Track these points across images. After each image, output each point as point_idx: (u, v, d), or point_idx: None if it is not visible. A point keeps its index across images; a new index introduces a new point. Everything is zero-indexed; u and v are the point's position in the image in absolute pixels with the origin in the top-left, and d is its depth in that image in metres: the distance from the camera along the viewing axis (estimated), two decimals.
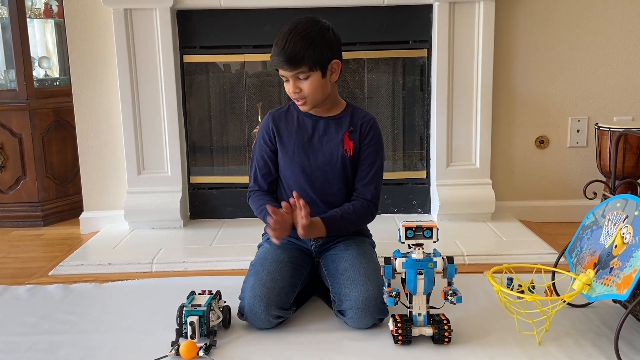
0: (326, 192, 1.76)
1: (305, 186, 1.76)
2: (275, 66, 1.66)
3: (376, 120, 1.79)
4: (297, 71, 1.63)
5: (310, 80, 1.65)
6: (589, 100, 2.69)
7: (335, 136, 1.75)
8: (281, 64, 1.63)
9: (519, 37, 2.63)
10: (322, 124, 1.77)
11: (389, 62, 2.69)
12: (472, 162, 2.63)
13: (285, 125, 1.78)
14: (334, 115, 1.77)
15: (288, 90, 1.69)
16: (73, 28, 2.58)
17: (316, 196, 1.76)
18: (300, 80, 1.65)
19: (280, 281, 1.63)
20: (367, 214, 1.75)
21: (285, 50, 1.61)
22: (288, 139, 1.77)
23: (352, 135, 1.75)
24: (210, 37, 2.59)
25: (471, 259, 2.18)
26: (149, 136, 2.59)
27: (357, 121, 1.76)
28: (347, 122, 1.76)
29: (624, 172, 2.40)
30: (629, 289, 1.36)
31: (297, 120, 1.78)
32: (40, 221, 2.84)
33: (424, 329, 1.52)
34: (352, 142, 1.75)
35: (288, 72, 1.64)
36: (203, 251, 2.31)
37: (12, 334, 1.66)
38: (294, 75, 1.64)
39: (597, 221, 1.60)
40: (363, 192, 1.75)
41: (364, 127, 1.75)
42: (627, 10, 2.61)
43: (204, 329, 1.54)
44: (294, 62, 1.62)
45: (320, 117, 1.77)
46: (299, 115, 1.78)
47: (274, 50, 1.64)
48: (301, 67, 1.62)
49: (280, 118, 1.80)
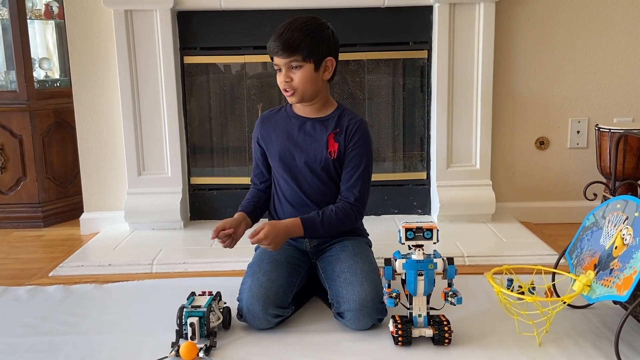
0: (316, 193, 1.77)
1: (295, 187, 1.78)
2: (271, 53, 1.68)
3: (364, 123, 1.77)
4: (291, 59, 1.65)
5: (302, 70, 1.66)
6: (589, 102, 2.69)
7: (320, 137, 1.76)
8: (276, 49, 1.65)
9: (519, 39, 2.63)
10: (308, 125, 1.78)
11: (389, 63, 2.70)
12: (472, 163, 2.63)
13: (274, 127, 1.81)
14: (322, 116, 1.78)
15: (279, 81, 1.70)
16: (73, 29, 2.58)
17: (306, 197, 1.77)
18: (292, 70, 1.67)
19: (277, 280, 1.63)
20: (349, 217, 1.72)
21: (282, 36, 1.64)
22: (275, 141, 1.79)
23: (337, 137, 1.74)
24: (211, 38, 2.59)
25: (471, 260, 2.18)
26: (149, 137, 2.59)
27: (343, 123, 1.75)
28: (333, 124, 1.76)
29: (624, 174, 2.40)
30: (629, 290, 1.36)
31: (285, 122, 1.80)
32: (41, 222, 2.84)
33: (424, 330, 1.52)
34: (337, 144, 1.74)
35: (282, 58, 1.66)
36: (203, 252, 2.30)
37: (13, 335, 1.66)
38: (288, 64, 1.66)
39: (597, 222, 1.60)
40: (347, 195, 1.74)
41: (350, 129, 1.74)
42: (627, 11, 2.61)
43: (204, 330, 1.54)
44: (289, 49, 1.64)
45: (307, 118, 1.78)
46: (288, 116, 1.80)
47: (272, 37, 1.66)
48: (295, 55, 1.64)
49: (270, 120, 1.83)
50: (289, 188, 1.78)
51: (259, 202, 1.85)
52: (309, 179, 1.76)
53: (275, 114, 1.84)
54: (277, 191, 1.83)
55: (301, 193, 1.77)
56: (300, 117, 1.79)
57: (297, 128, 1.78)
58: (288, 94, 1.70)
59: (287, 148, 1.77)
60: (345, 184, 1.75)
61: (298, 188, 1.77)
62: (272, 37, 1.66)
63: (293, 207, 1.78)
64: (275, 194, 1.85)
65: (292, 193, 1.78)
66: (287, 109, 1.82)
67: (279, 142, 1.79)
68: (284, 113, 1.82)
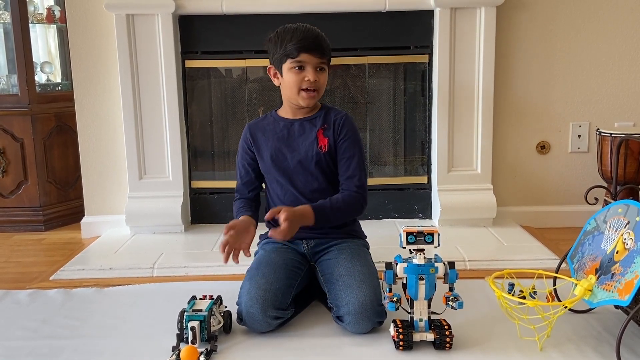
0: (309, 191, 1.79)
1: (288, 187, 1.80)
2: (303, 49, 1.68)
3: (349, 116, 1.83)
4: (324, 59, 1.72)
5: (325, 74, 1.75)
6: (590, 106, 2.69)
7: (309, 135, 1.80)
8: (314, 46, 1.69)
9: (520, 43, 2.63)
10: (296, 125, 1.82)
11: (390, 67, 2.70)
12: (473, 168, 2.63)
13: (262, 132, 1.84)
14: (309, 116, 1.82)
15: (302, 79, 1.71)
16: (75, 33, 2.58)
17: (301, 195, 1.79)
18: (318, 71, 1.72)
19: (275, 282, 1.63)
20: (356, 203, 1.76)
21: (320, 36, 1.71)
22: (265, 145, 1.82)
23: (326, 132, 1.79)
24: (212, 43, 2.60)
25: (472, 265, 2.18)
26: (151, 141, 2.59)
27: (330, 119, 1.81)
28: (320, 121, 1.81)
29: (625, 178, 2.40)
30: (630, 295, 1.36)
31: (273, 126, 1.84)
32: (42, 226, 2.84)
33: (425, 334, 1.52)
34: (326, 138, 1.79)
35: (317, 58, 1.70)
36: (204, 256, 2.30)
37: (13, 339, 1.65)
38: (318, 64, 1.71)
39: (599, 227, 1.60)
40: (348, 185, 1.77)
41: (337, 123, 1.79)
42: (627, 16, 2.62)
43: (204, 334, 1.54)
44: (323, 50, 1.71)
45: (294, 120, 1.82)
46: (275, 120, 1.85)
47: (304, 34, 1.69)
48: (325, 57, 1.72)
49: (257, 127, 1.86)
50: (282, 189, 1.81)
51: (252, 207, 1.86)
52: (302, 177, 1.79)
53: (261, 121, 1.88)
54: (271, 196, 1.86)
55: (296, 192, 1.79)
56: (287, 120, 1.83)
57: (286, 129, 1.82)
58: (312, 94, 1.73)
59: (278, 149, 1.81)
60: (344, 175, 1.78)
61: (293, 188, 1.80)
62: (301, 35, 1.69)
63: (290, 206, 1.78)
64: (269, 199, 1.87)
65: (286, 194, 1.81)
66: (273, 115, 1.87)
67: (269, 144, 1.82)
68: (270, 119, 1.87)
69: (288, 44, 1.69)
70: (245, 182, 1.88)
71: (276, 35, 1.75)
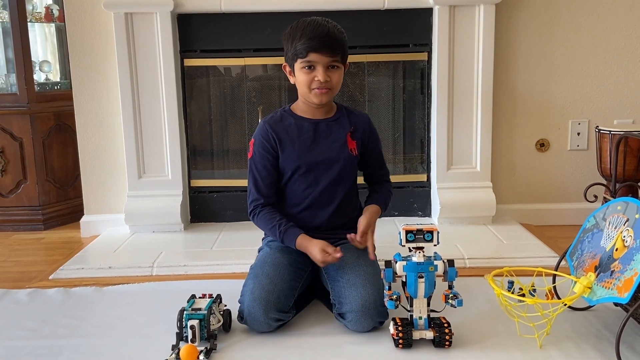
0: (333, 192, 1.77)
1: (314, 187, 1.76)
2: (312, 49, 1.64)
3: (369, 116, 1.89)
4: (335, 58, 1.67)
5: (339, 72, 1.71)
6: (589, 103, 2.69)
7: (339, 137, 1.78)
8: (323, 46, 1.63)
9: (519, 41, 2.63)
10: (322, 126, 1.78)
11: (389, 65, 2.70)
12: (472, 165, 2.63)
13: (285, 131, 1.76)
14: (331, 117, 1.79)
15: (312, 79, 1.67)
16: (74, 32, 2.58)
17: (323, 197, 1.77)
18: (330, 69, 1.68)
19: (279, 284, 1.63)
20: (391, 191, 1.92)
21: (331, 34, 1.65)
22: (291, 145, 1.75)
23: (354, 135, 1.80)
24: (211, 41, 2.60)
25: (472, 262, 2.18)
26: (150, 140, 2.59)
27: (354, 121, 1.81)
28: (346, 123, 1.79)
29: (625, 175, 2.40)
30: (630, 292, 1.36)
31: (296, 125, 1.77)
32: (41, 225, 2.84)
33: (424, 332, 1.52)
34: (354, 141, 1.79)
35: (328, 57, 1.66)
36: (203, 255, 2.30)
37: (13, 339, 1.65)
38: (329, 63, 1.67)
39: (598, 224, 1.60)
40: (382, 175, 1.91)
41: (366, 128, 1.83)
42: (627, 13, 2.61)
43: (204, 332, 1.54)
44: (335, 49, 1.66)
45: (318, 120, 1.78)
46: (295, 120, 1.78)
47: (313, 32, 1.64)
48: (338, 55, 1.68)
49: (277, 125, 1.77)
50: (305, 189, 1.76)
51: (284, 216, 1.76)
52: (328, 179, 1.76)
53: (279, 119, 1.79)
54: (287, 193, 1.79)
55: (320, 191, 1.76)
56: (310, 120, 1.77)
57: (312, 130, 1.77)
58: (324, 92, 1.69)
59: (306, 150, 1.75)
60: (377, 169, 1.90)
61: (317, 186, 1.76)
62: (310, 33, 1.64)
63: (310, 209, 1.77)
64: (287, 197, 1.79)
65: (310, 193, 1.76)
66: (288, 112, 1.79)
67: (295, 145, 1.75)
68: (289, 117, 1.78)
69: (297, 43, 1.65)
70: (268, 184, 1.76)
71: (289, 32, 1.70)
